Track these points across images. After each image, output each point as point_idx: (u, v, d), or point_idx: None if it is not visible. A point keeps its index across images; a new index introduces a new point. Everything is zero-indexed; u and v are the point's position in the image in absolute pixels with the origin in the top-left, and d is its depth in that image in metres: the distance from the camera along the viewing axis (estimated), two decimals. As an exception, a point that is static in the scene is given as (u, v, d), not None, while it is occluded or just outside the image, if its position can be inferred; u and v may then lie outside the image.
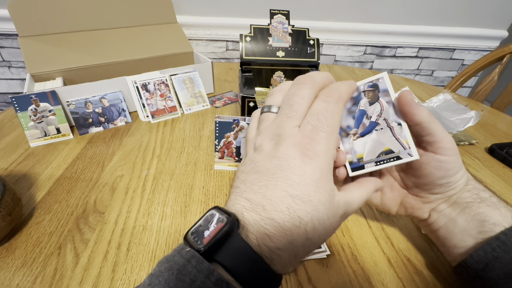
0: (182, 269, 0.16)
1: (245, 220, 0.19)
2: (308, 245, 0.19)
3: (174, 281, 0.16)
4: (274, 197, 0.19)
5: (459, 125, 0.57)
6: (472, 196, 0.26)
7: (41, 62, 0.60)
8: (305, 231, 0.19)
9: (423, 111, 0.23)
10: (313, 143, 0.20)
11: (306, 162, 0.20)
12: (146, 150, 0.49)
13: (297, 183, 0.19)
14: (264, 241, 0.18)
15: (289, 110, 0.22)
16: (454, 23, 1.21)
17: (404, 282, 0.30)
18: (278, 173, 0.20)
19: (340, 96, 0.22)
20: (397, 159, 0.24)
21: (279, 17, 0.56)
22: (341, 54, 1.26)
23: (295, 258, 0.19)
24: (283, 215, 0.19)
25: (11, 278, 0.29)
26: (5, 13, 0.65)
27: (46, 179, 0.42)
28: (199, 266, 0.16)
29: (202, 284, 0.16)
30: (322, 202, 0.19)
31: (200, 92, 0.65)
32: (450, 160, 0.25)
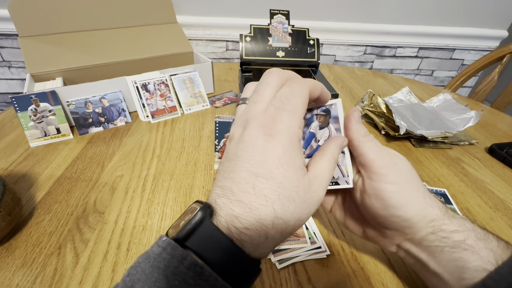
0: (157, 257, 0.17)
1: (217, 207, 0.19)
2: (279, 224, 0.19)
3: (150, 269, 0.16)
4: (240, 179, 0.19)
5: (459, 125, 0.57)
6: (440, 240, 0.23)
7: (41, 62, 0.60)
8: (273, 209, 0.19)
9: (358, 130, 0.24)
10: (275, 122, 0.20)
11: (268, 140, 0.20)
12: (146, 150, 0.49)
13: (259, 161, 0.19)
14: (233, 223, 0.18)
15: (256, 97, 0.22)
16: (454, 23, 1.21)
17: (404, 282, 0.30)
18: (243, 155, 0.20)
19: (304, 82, 0.22)
20: (335, 184, 0.25)
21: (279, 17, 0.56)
22: (341, 54, 1.26)
23: (267, 239, 0.19)
24: (249, 195, 0.19)
25: (11, 278, 0.29)
26: (5, 13, 0.65)
27: (46, 179, 0.42)
28: (173, 252, 0.17)
29: (176, 269, 0.16)
30: (288, 179, 0.19)
31: (200, 92, 0.65)
32: (388, 188, 0.23)
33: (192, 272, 0.16)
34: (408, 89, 0.69)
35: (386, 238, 0.26)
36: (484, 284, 0.21)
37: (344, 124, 0.24)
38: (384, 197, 0.23)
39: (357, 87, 0.81)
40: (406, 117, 0.57)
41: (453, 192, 0.43)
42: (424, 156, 0.51)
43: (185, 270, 0.16)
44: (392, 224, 0.24)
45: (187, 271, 0.16)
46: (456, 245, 0.23)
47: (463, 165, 0.49)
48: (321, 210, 0.38)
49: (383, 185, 0.23)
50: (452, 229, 0.23)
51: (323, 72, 0.91)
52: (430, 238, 0.23)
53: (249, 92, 0.24)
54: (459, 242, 0.23)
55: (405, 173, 0.24)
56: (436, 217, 0.23)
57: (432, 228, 0.23)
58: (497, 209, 0.40)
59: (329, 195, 0.29)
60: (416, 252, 0.24)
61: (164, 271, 0.16)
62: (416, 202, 0.23)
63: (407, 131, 0.51)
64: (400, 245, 0.25)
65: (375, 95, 0.62)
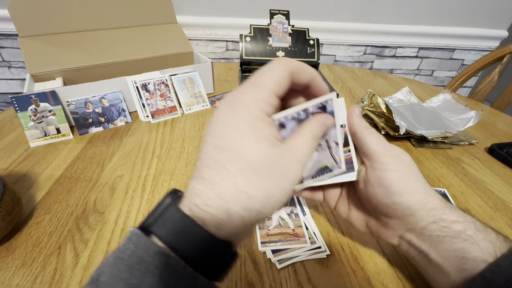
0: (122, 248, 0.16)
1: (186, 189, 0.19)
2: (242, 198, 0.17)
3: (114, 260, 0.16)
4: (203, 154, 0.19)
5: (459, 125, 0.57)
6: (441, 229, 0.23)
7: (41, 62, 0.60)
8: (234, 182, 0.17)
9: (361, 123, 0.25)
10: (238, 94, 0.19)
11: (228, 111, 0.19)
12: (146, 150, 0.49)
13: (219, 132, 0.19)
14: (193, 200, 0.17)
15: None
16: (454, 23, 1.21)
17: (404, 282, 0.30)
18: (208, 130, 0.19)
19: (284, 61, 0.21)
20: (329, 171, 0.26)
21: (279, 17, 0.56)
22: (341, 54, 1.26)
23: (230, 216, 0.17)
24: (210, 170, 0.18)
25: (11, 278, 0.29)
26: (5, 13, 0.65)
27: (46, 179, 0.42)
28: (138, 242, 0.16)
29: (140, 259, 0.16)
30: (249, 149, 0.18)
31: (200, 92, 0.65)
32: (389, 176, 0.23)
33: (158, 261, 0.16)
34: (408, 89, 0.68)
35: (389, 229, 0.26)
36: (483, 276, 0.21)
37: (348, 120, 0.25)
38: (387, 185, 0.24)
39: (357, 87, 0.81)
40: (406, 117, 0.57)
41: (453, 192, 0.43)
42: (424, 156, 0.51)
43: (149, 260, 0.16)
44: (395, 213, 0.24)
45: (152, 261, 0.16)
46: (456, 235, 0.23)
47: (463, 165, 0.49)
48: (321, 210, 0.38)
49: (385, 173, 0.24)
50: (452, 219, 0.24)
51: (323, 72, 0.91)
52: (431, 227, 0.24)
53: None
54: (459, 232, 0.23)
55: (406, 164, 0.25)
56: (437, 206, 0.24)
57: (433, 218, 0.24)
58: (497, 209, 0.40)
59: (335, 191, 0.30)
60: (418, 243, 0.25)
61: (128, 261, 0.16)
62: (417, 190, 0.24)
63: (407, 131, 0.51)
64: (402, 236, 0.26)
65: (375, 95, 0.62)
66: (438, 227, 0.24)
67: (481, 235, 0.23)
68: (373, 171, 0.24)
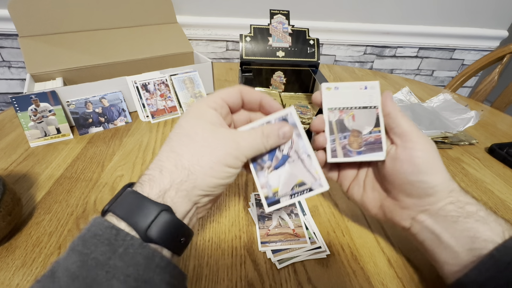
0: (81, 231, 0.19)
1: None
2: (172, 156, 0.21)
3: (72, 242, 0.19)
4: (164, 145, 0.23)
5: (459, 125, 0.57)
6: (456, 210, 0.25)
7: (41, 62, 0.60)
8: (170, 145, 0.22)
9: (395, 106, 0.27)
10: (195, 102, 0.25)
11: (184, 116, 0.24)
12: (146, 150, 0.49)
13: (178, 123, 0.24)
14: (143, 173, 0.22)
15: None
16: (454, 23, 1.21)
17: (404, 282, 0.30)
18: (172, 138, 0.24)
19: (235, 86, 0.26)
20: (309, 190, 0.26)
21: (279, 17, 0.55)
22: (341, 54, 1.26)
23: (161, 173, 0.21)
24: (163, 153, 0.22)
25: (11, 278, 0.29)
26: (5, 13, 0.65)
27: (46, 179, 0.42)
28: (94, 221, 0.19)
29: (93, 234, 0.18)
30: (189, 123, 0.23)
31: (200, 92, 0.64)
32: (420, 155, 0.25)
33: (108, 234, 0.18)
34: (408, 89, 0.68)
35: (404, 209, 0.27)
36: (492, 256, 0.22)
37: (382, 102, 0.28)
38: (417, 163, 0.25)
39: (357, 87, 0.81)
40: (406, 117, 0.57)
41: (453, 192, 0.43)
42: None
43: (100, 233, 0.18)
44: (417, 191, 0.26)
45: (103, 234, 0.18)
46: (469, 215, 0.24)
47: (463, 165, 0.49)
48: (321, 210, 0.38)
49: (416, 152, 0.25)
50: (467, 201, 0.25)
51: (323, 72, 0.91)
52: (448, 208, 0.25)
53: None
54: (472, 213, 0.25)
55: (433, 146, 0.26)
56: (455, 188, 0.26)
57: (451, 198, 0.25)
58: (497, 209, 0.40)
59: (351, 171, 0.32)
60: (431, 224, 0.26)
61: (83, 237, 0.18)
62: (441, 172, 0.26)
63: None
64: (415, 217, 0.27)
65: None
66: (454, 208, 0.25)
67: (492, 217, 0.24)
68: (404, 150, 0.26)
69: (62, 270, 0.17)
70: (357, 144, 0.28)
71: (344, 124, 0.28)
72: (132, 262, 0.18)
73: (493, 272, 0.22)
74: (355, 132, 0.28)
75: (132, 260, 0.18)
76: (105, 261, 0.17)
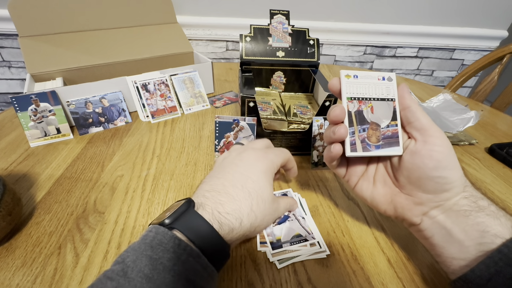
0: (144, 237, 0.22)
1: (204, 199, 0.25)
2: (252, 216, 0.26)
3: (138, 244, 0.21)
4: (233, 177, 0.28)
5: (459, 125, 0.57)
6: (470, 204, 0.25)
7: (41, 62, 0.60)
8: (251, 203, 0.27)
9: (412, 99, 0.27)
10: (264, 154, 0.32)
11: (258, 160, 0.31)
12: (146, 150, 0.49)
13: (252, 170, 0.29)
14: (217, 208, 0.25)
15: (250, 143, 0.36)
16: (454, 23, 1.21)
17: (404, 282, 0.30)
18: (239, 163, 0.30)
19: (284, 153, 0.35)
20: (304, 240, 0.33)
21: (279, 17, 0.55)
22: (341, 54, 1.26)
23: (240, 225, 0.25)
24: (237, 190, 0.27)
25: (11, 278, 0.29)
26: (5, 13, 0.65)
27: (46, 179, 0.42)
28: (157, 230, 0.22)
29: (159, 241, 0.21)
30: (266, 187, 0.29)
31: (200, 92, 0.65)
32: (441, 150, 0.25)
33: (172, 243, 0.21)
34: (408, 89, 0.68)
35: (418, 205, 0.27)
36: (500, 251, 0.22)
37: (399, 95, 0.28)
38: (438, 158, 0.25)
39: (357, 87, 0.81)
40: (406, 117, 0.57)
41: (453, 192, 0.43)
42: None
43: (166, 241, 0.21)
44: (435, 186, 0.26)
45: (168, 242, 0.21)
46: (481, 209, 0.25)
47: (463, 165, 0.49)
48: (321, 210, 0.38)
49: (437, 147, 0.25)
50: (479, 196, 0.26)
51: (323, 72, 0.91)
52: (461, 202, 0.25)
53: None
54: (484, 207, 0.25)
55: (450, 143, 0.26)
56: (469, 184, 0.26)
57: (466, 193, 0.26)
58: (497, 209, 0.40)
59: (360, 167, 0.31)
60: (442, 220, 0.26)
61: (150, 244, 0.21)
62: (459, 168, 0.26)
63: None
64: (427, 213, 0.27)
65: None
66: (467, 202, 0.25)
67: (502, 212, 0.25)
68: (425, 145, 0.26)
69: (135, 272, 0.19)
70: (375, 137, 0.27)
71: (364, 116, 0.27)
72: (193, 269, 0.21)
73: (500, 267, 0.22)
74: (373, 125, 0.27)
75: (193, 267, 0.21)
76: (171, 267, 0.20)
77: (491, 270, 0.22)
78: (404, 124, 0.28)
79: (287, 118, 0.52)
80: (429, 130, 0.26)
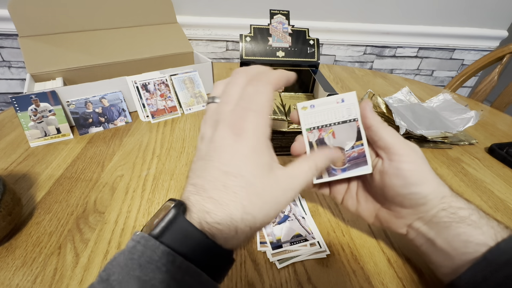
0: (131, 249, 0.18)
1: (190, 204, 0.20)
2: (248, 219, 0.20)
3: (124, 260, 0.17)
4: (212, 177, 0.20)
5: (459, 125, 0.57)
6: (449, 216, 0.25)
7: (41, 62, 0.60)
8: (242, 205, 0.20)
9: (375, 118, 0.26)
10: (242, 122, 0.21)
11: (236, 140, 0.21)
12: (146, 150, 0.49)
13: (229, 160, 0.20)
14: (204, 218, 0.19)
15: (224, 97, 0.23)
16: (454, 23, 1.21)
17: (404, 282, 0.30)
18: (213, 155, 0.21)
19: (268, 80, 0.23)
20: (304, 240, 0.33)
21: (279, 17, 0.56)
22: (341, 54, 1.26)
23: (237, 233, 0.20)
24: (220, 192, 0.20)
25: (11, 278, 0.29)
26: (5, 13, 0.65)
27: (46, 179, 0.42)
28: (146, 243, 0.18)
29: (149, 258, 0.17)
30: (255, 176, 0.20)
31: (200, 92, 0.65)
32: (407, 167, 0.25)
33: (165, 260, 0.17)
34: (408, 89, 0.68)
35: (400, 218, 0.27)
36: (485, 258, 0.22)
37: (361, 114, 0.27)
38: (405, 176, 0.25)
39: (357, 87, 0.81)
40: (406, 117, 0.57)
41: (453, 192, 0.43)
42: (424, 156, 0.51)
43: (157, 258, 0.17)
44: (410, 202, 0.26)
45: (159, 259, 0.17)
46: (461, 220, 0.24)
47: (463, 165, 0.49)
48: (321, 210, 0.38)
49: (403, 164, 0.25)
50: (458, 206, 0.25)
51: (323, 72, 0.91)
52: (440, 214, 0.25)
53: (218, 91, 0.25)
54: (464, 217, 0.24)
55: (420, 155, 0.26)
56: (447, 194, 0.26)
57: (443, 205, 0.25)
58: (497, 209, 0.40)
59: (341, 186, 0.31)
60: (425, 231, 0.26)
61: (138, 261, 0.17)
62: (432, 180, 0.25)
63: (407, 131, 0.51)
64: (411, 225, 0.27)
65: (375, 95, 0.62)
66: (446, 214, 0.25)
67: (484, 220, 0.24)
68: (391, 163, 0.25)
69: None
70: (340, 161, 0.28)
71: (325, 143, 0.28)
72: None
73: (486, 273, 0.22)
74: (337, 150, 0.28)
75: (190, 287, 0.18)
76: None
77: (477, 277, 0.22)
78: (370, 143, 0.28)
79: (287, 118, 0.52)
80: (392, 148, 0.25)
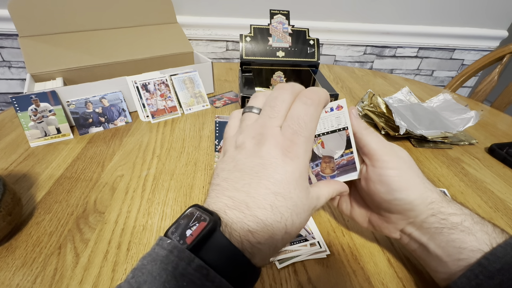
0: (164, 259, 0.17)
1: (228, 218, 0.19)
2: (286, 238, 0.20)
3: (157, 270, 0.17)
4: (258, 195, 0.20)
5: (459, 125, 0.57)
6: (439, 222, 0.24)
7: (41, 62, 0.60)
8: (285, 225, 0.20)
9: (360, 124, 0.26)
10: (294, 146, 0.21)
11: (287, 162, 0.21)
12: (146, 150, 0.49)
13: (280, 181, 0.20)
14: (247, 237, 0.19)
15: (271, 112, 0.23)
16: (454, 23, 1.21)
17: (404, 282, 0.30)
18: (261, 171, 0.21)
19: (319, 100, 0.23)
20: (304, 240, 0.33)
21: (279, 17, 0.56)
22: (341, 54, 1.26)
23: (274, 251, 0.20)
24: (265, 212, 0.19)
25: (11, 278, 0.29)
26: (5, 13, 0.65)
27: (46, 179, 0.42)
28: (180, 255, 0.17)
29: (184, 270, 0.17)
30: (300, 198, 0.21)
31: (200, 92, 0.65)
32: (389, 173, 0.25)
33: (199, 274, 0.17)
34: (408, 89, 0.69)
35: (390, 223, 0.27)
36: (480, 264, 0.22)
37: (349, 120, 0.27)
38: (388, 182, 0.25)
39: (357, 87, 0.81)
40: (406, 117, 0.57)
41: (453, 192, 0.43)
42: (424, 156, 0.51)
43: (192, 272, 0.17)
44: (396, 208, 0.26)
45: (194, 273, 0.17)
46: (453, 226, 0.24)
47: (463, 165, 0.49)
48: (321, 210, 0.38)
49: (386, 171, 0.25)
50: (450, 212, 0.25)
51: (323, 72, 0.91)
52: (430, 220, 0.25)
53: (259, 102, 0.25)
54: (457, 224, 0.24)
55: (405, 160, 0.26)
56: (435, 200, 0.25)
57: (431, 210, 0.25)
58: (497, 209, 0.40)
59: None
60: (418, 236, 0.26)
61: (173, 273, 0.17)
62: (416, 186, 0.25)
63: (407, 131, 0.51)
64: (403, 230, 0.27)
65: (375, 95, 0.62)
66: (436, 220, 0.25)
67: (478, 226, 0.24)
68: (374, 170, 0.25)
69: None
70: (329, 169, 0.28)
71: (315, 153, 0.28)
72: None
73: (481, 280, 0.22)
74: (326, 158, 0.28)
75: None
76: None
77: (472, 283, 0.22)
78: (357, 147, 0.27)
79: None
80: (376, 155, 0.25)
